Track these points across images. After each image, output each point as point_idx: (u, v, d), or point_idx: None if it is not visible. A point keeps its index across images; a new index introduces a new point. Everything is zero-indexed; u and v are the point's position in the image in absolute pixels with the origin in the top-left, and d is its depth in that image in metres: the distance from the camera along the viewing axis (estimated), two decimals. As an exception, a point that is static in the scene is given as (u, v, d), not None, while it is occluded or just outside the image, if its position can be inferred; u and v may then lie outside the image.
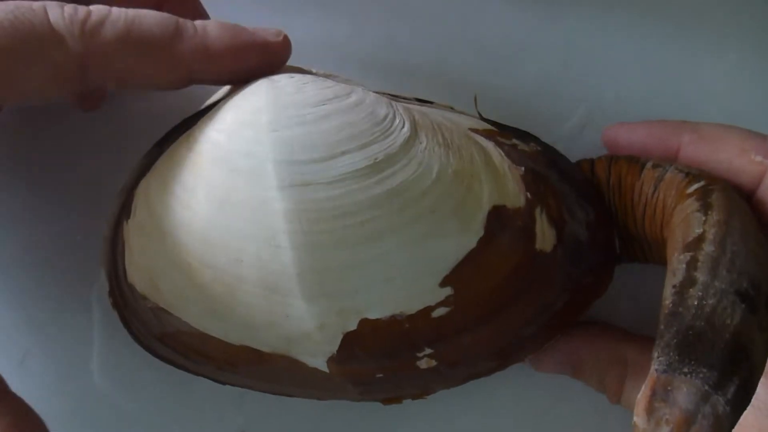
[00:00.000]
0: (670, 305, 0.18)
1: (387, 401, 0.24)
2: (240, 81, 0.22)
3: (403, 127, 0.21)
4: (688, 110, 0.29)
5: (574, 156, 0.25)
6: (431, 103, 0.24)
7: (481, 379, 0.24)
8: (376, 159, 0.20)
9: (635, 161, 0.23)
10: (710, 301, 0.18)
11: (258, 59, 0.22)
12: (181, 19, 0.21)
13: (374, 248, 0.20)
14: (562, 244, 0.22)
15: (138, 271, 0.22)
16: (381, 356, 0.21)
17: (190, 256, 0.20)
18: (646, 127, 0.24)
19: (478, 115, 0.24)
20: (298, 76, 0.21)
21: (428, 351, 0.22)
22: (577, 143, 0.28)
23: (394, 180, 0.20)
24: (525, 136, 0.24)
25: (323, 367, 0.21)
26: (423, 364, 0.22)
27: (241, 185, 0.19)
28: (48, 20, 0.20)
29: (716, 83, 0.29)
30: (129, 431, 0.25)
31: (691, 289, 0.18)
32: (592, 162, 0.24)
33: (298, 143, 0.19)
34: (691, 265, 0.19)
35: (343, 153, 0.20)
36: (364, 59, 0.28)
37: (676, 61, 0.30)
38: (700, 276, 0.19)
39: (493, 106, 0.25)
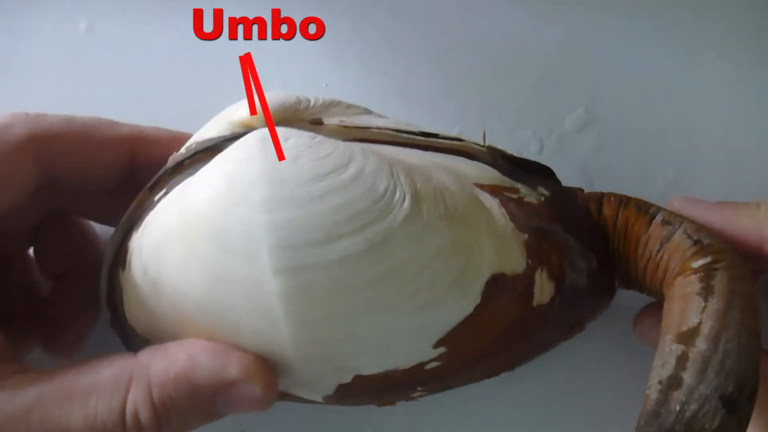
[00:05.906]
0: (654, 403, 0.19)
1: (382, 404, 0.25)
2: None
3: (403, 202, 0.20)
4: (688, 110, 0.29)
5: (573, 155, 0.26)
6: (436, 136, 0.23)
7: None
8: (374, 241, 0.19)
9: (645, 212, 0.22)
10: (692, 407, 0.19)
11: None
12: None
13: (372, 323, 0.20)
14: (560, 294, 0.22)
15: (137, 320, 0.22)
16: (375, 395, 0.23)
17: (188, 318, 0.20)
18: (719, 212, 0.22)
19: (485, 148, 0.23)
20: (293, 141, 0.19)
21: (421, 390, 0.23)
22: (576, 143, 0.28)
23: (393, 259, 0.19)
24: (533, 179, 0.23)
25: (320, 400, 0.22)
26: (416, 395, 0.23)
27: (236, 265, 0.19)
28: None
29: (717, 83, 0.29)
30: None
31: (675, 392, 0.19)
32: (600, 200, 0.23)
33: (294, 227, 0.19)
34: (681, 362, 0.19)
35: (340, 237, 0.19)
36: (364, 59, 0.27)
37: (676, 60, 0.29)
38: (687, 378, 0.19)
39: (493, 106, 0.25)
